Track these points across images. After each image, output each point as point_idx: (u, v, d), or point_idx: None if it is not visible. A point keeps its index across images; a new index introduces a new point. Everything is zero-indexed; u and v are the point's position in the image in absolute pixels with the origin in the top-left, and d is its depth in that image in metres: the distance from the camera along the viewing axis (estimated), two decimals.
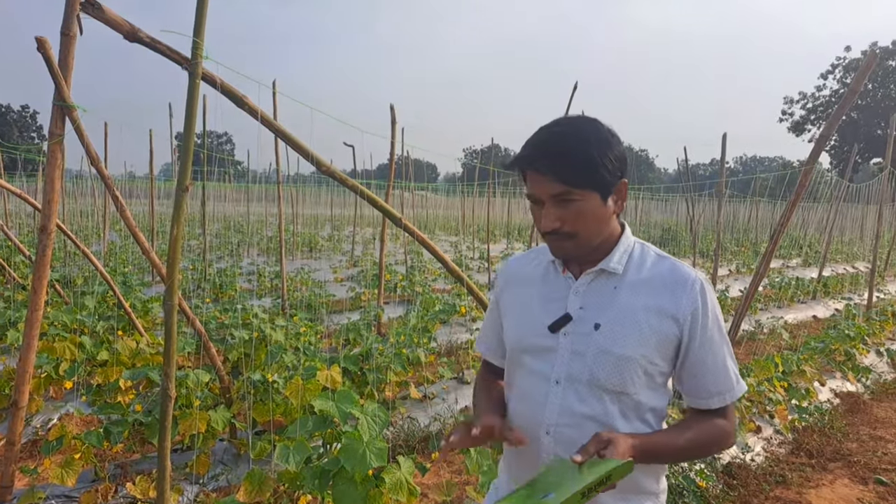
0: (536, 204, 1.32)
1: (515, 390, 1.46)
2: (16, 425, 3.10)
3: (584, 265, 1.38)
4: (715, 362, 1.34)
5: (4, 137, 48.15)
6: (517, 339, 1.44)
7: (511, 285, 1.52)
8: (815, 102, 57.18)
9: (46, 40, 2.43)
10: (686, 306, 1.31)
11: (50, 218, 2.79)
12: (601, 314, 1.33)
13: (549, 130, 1.30)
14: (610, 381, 1.31)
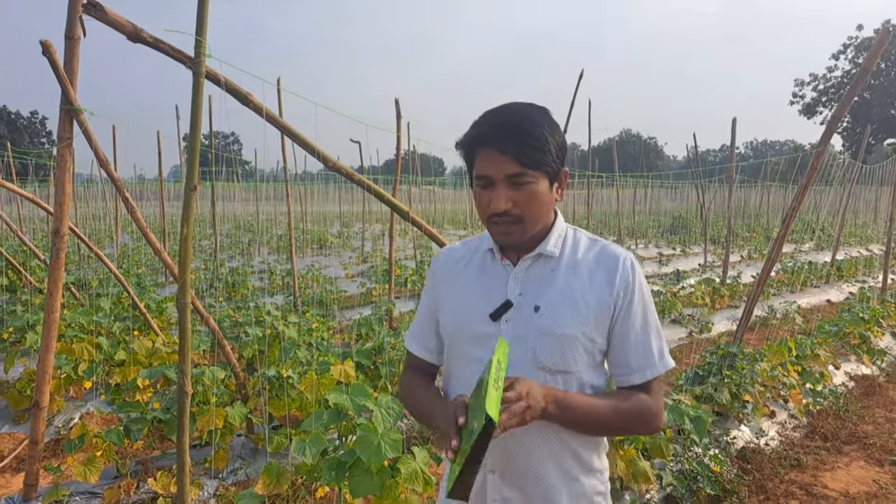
0: (487, 185, 1.29)
1: (456, 381, 1.44)
2: (38, 425, 3.17)
3: (521, 252, 1.39)
4: (638, 338, 1.36)
5: (15, 143, 48.60)
6: (457, 329, 1.42)
7: (447, 277, 1.48)
8: (826, 84, 56.52)
9: (51, 44, 2.47)
10: (619, 283, 1.35)
11: (62, 221, 2.84)
12: (540, 297, 1.34)
13: (505, 111, 1.30)
14: (552, 361, 1.32)
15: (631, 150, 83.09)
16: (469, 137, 1.32)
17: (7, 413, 4.47)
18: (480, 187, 1.31)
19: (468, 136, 1.32)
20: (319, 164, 2.95)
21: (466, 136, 1.33)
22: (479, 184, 1.30)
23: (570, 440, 1.36)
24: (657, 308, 7.85)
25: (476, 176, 1.30)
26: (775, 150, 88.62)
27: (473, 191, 1.35)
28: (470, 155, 1.32)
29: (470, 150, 1.32)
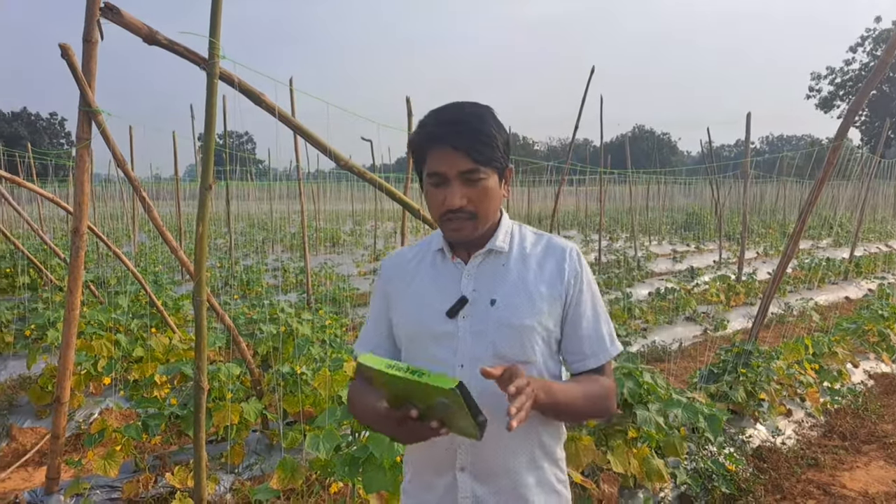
0: (440, 183, 1.31)
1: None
2: (59, 420, 3.23)
3: (471, 249, 1.41)
4: (590, 324, 1.42)
5: (35, 144, 49.22)
6: (416, 329, 1.41)
7: (398, 278, 1.48)
8: (843, 77, 55.71)
9: (70, 47, 2.51)
10: (569, 273, 1.41)
11: (81, 220, 2.88)
12: (495, 290, 1.37)
13: (454, 110, 1.32)
14: (513, 352, 1.35)
15: (644, 146, 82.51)
16: (421, 136, 1.32)
17: (29, 408, 4.55)
18: (433, 185, 1.32)
19: (420, 136, 1.32)
20: (332, 162, 2.97)
21: (418, 136, 1.33)
22: (431, 182, 1.31)
23: (539, 430, 1.40)
24: (671, 307, 7.88)
25: (429, 174, 1.31)
26: (792, 145, 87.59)
27: (424, 190, 1.36)
28: (421, 154, 1.33)
29: (422, 149, 1.32)
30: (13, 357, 5.63)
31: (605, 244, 16.36)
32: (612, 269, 11.17)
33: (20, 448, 4.18)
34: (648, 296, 8.86)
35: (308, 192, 15.59)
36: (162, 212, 22.15)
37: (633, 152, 44.14)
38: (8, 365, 5.51)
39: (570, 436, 3.23)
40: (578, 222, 24.28)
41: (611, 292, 8.91)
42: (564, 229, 22.06)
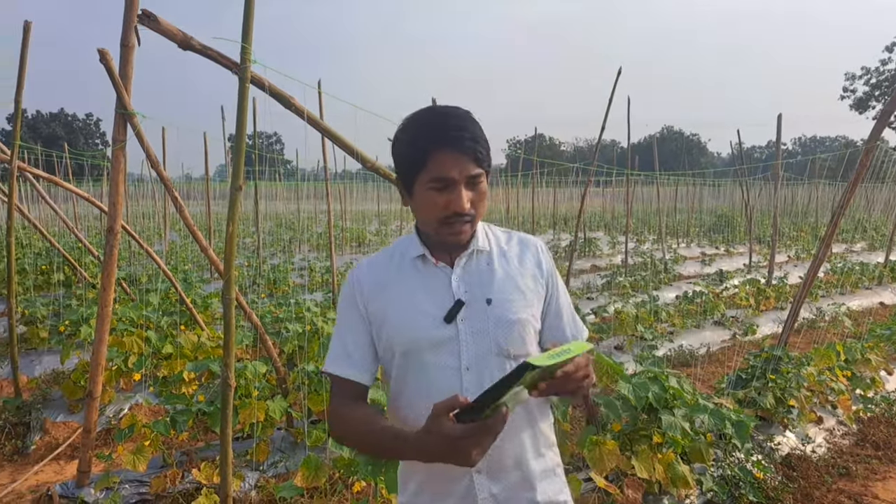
0: (445, 187, 1.29)
1: (413, 393, 1.37)
2: (91, 414, 3.31)
3: (452, 252, 1.41)
4: (567, 310, 1.51)
5: (71, 144, 50.49)
6: (413, 339, 1.35)
7: (378, 292, 1.40)
8: (878, 77, 54.25)
9: (108, 52, 2.57)
10: (545, 266, 1.48)
11: (115, 219, 2.96)
12: (488, 290, 1.38)
13: (453, 113, 1.32)
14: (514, 347, 1.37)
15: (672, 147, 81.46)
16: (424, 140, 1.29)
17: (62, 403, 4.67)
18: (435, 189, 1.29)
19: (422, 139, 1.29)
20: (358, 163, 3.00)
21: (418, 139, 1.29)
22: (434, 186, 1.29)
23: (537, 417, 1.43)
24: (699, 310, 7.77)
25: (433, 178, 1.28)
26: (825, 147, 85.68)
27: (417, 194, 1.33)
28: (420, 158, 1.29)
29: (424, 152, 1.28)
30: (48, 352, 5.78)
31: (631, 246, 16.19)
32: (639, 272, 11.05)
33: (53, 441, 4.29)
34: (676, 299, 8.75)
35: (335, 192, 15.74)
36: (192, 211, 22.55)
37: (662, 153, 43.60)
38: (43, 360, 5.66)
39: (594, 440, 3.22)
40: (605, 224, 24.07)
41: (637, 295, 8.82)
42: (591, 230, 21.89)
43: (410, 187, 1.34)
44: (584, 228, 19.39)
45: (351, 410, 1.36)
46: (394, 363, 1.39)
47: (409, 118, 1.35)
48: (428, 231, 1.38)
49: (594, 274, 11.82)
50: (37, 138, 50.26)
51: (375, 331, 1.40)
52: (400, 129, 1.36)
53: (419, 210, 1.35)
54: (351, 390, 1.39)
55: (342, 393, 1.39)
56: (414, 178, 1.32)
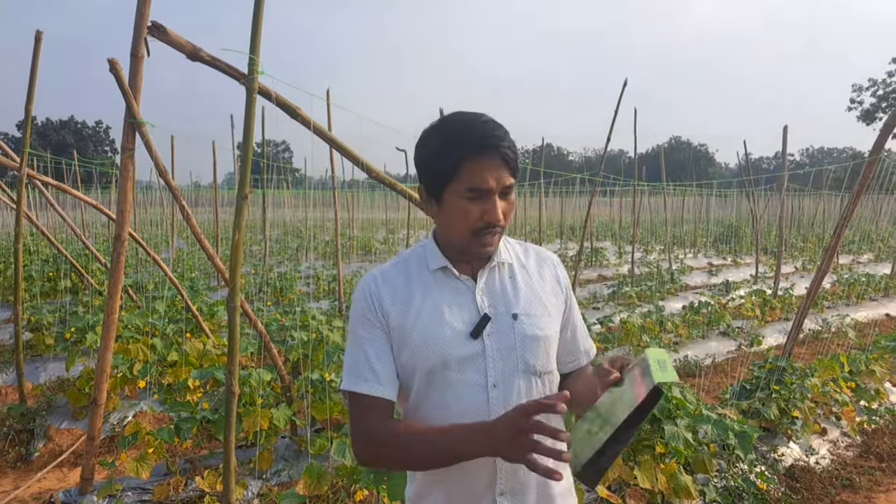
0: (479, 197, 1.24)
1: (437, 411, 1.30)
2: (95, 421, 3.33)
3: (474, 264, 1.37)
4: (581, 325, 1.51)
5: (80, 152, 50.91)
6: (440, 356, 1.28)
7: (400, 303, 1.32)
8: (886, 89, 54.14)
9: (117, 62, 2.62)
10: (562, 280, 1.46)
11: (123, 227, 2.99)
12: (513, 305, 1.34)
13: (488, 120, 1.27)
14: (540, 364, 1.34)
15: (680, 157, 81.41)
16: (463, 145, 1.23)
17: (67, 410, 4.70)
18: (469, 199, 1.24)
19: (461, 144, 1.23)
20: (364, 172, 3.04)
21: (457, 145, 1.23)
22: (469, 195, 1.24)
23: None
24: (705, 321, 7.74)
25: (469, 188, 1.23)
26: (833, 158, 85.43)
27: (447, 202, 1.27)
28: (454, 164, 1.23)
29: (458, 160, 1.23)
30: (53, 359, 5.82)
31: (638, 256, 16.17)
32: (646, 282, 11.03)
33: (56, 448, 4.32)
34: (682, 309, 8.73)
35: (342, 200, 15.81)
36: (200, 218, 22.70)
37: (670, 164, 43.39)
38: (48, 367, 5.69)
39: None
40: (612, 233, 24.04)
41: (643, 305, 8.81)
42: (598, 240, 21.88)
43: (439, 196, 1.28)
44: (592, 238, 19.39)
45: (387, 428, 1.26)
46: (415, 380, 1.31)
47: (440, 124, 1.29)
48: (454, 242, 1.32)
49: (601, 284, 11.80)
50: (46, 145, 50.74)
51: (396, 346, 1.32)
52: (427, 135, 1.30)
53: (449, 220, 1.29)
54: (382, 409, 1.29)
55: (372, 413, 1.28)
56: (444, 186, 1.26)
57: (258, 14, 2.31)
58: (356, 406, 1.29)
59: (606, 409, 1.11)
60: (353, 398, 1.30)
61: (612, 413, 1.08)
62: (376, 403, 1.28)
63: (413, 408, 1.34)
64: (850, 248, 18.00)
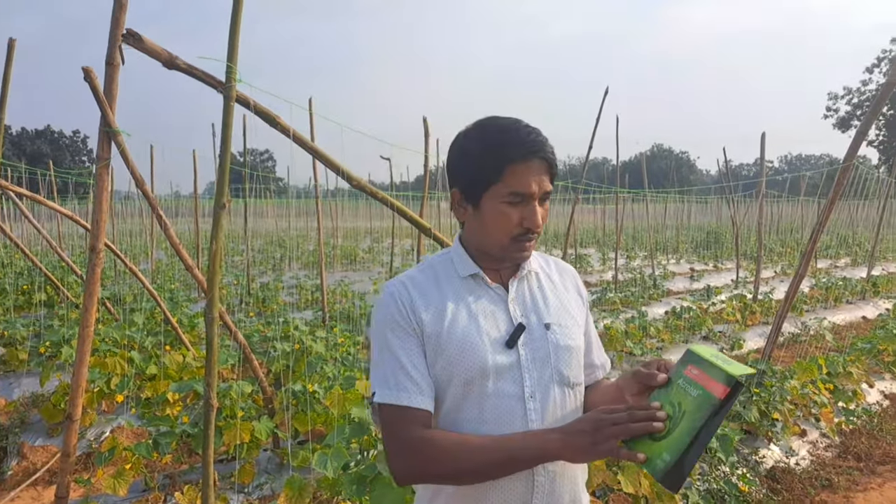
0: (520, 201, 1.23)
1: (473, 423, 1.25)
2: (70, 437, 3.25)
3: (503, 272, 1.35)
4: (597, 338, 1.50)
5: (58, 162, 50.26)
6: (476, 366, 1.24)
7: (433, 311, 1.27)
8: (860, 97, 55.28)
9: (92, 70, 2.59)
10: (582, 292, 1.47)
11: (98, 238, 2.94)
12: (545, 314, 1.33)
13: (530, 125, 1.26)
14: (573, 375, 1.33)
15: (662, 165, 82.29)
16: (511, 148, 1.21)
17: (41, 426, 4.59)
18: (510, 203, 1.23)
19: (508, 147, 1.21)
20: (345, 181, 3.02)
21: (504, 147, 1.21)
22: (511, 200, 1.22)
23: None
24: (687, 326, 7.80)
25: (512, 192, 1.22)
26: (811, 165, 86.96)
27: (486, 206, 1.25)
28: (499, 167, 1.21)
29: (503, 162, 1.21)
30: (27, 374, 5.69)
31: (622, 262, 16.28)
32: (629, 288, 11.11)
33: (31, 466, 4.22)
34: (665, 314, 8.79)
35: (326, 209, 15.76)
36: (181, 229, 22.50)
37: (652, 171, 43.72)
38: (21, 382, 5.56)
39: None
40: (597, 240, 24.20)
41: (627, 311, 8.86)
42: (582, 247, 22.00)
43: (477, 200, 1.26)
44: (576, 245, 19.48)
45: (440, 439, 1.19)
46: (449, 391, 1.25)
47: (479, 127, 1.27)
48: (490, 248, 1.30)
49: (585, 290, 11.85)
50: (21, 155, 49.99)
51: (431, 355, 1.25)
52: (466, 138, 1.28)
53: (488, 225, 1.26)
54: (424, 422, 1.21)
55: (415, 426, 1.20)
56: (484, 189, 1.24)
57: (236, 22, 2.30)
58: (396, 420, 1.21)
59: (669, 411, 1.06)
60: (392, 411, 1.21)
61: (686, 415, 1.03)
62: (419, 416, 1.21)
63: (446, 420, 1.27)
64: (828, 253, 18.30)
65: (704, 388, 1.04)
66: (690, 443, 0.99)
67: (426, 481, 1.26)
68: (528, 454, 1.13)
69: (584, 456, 1.07)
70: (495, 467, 1.15)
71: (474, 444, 1.17)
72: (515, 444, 1.14)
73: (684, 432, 1.01)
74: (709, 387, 1.04)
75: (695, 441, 0.99)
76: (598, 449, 1.05)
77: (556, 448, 1.10)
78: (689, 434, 1.00)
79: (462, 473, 1.17)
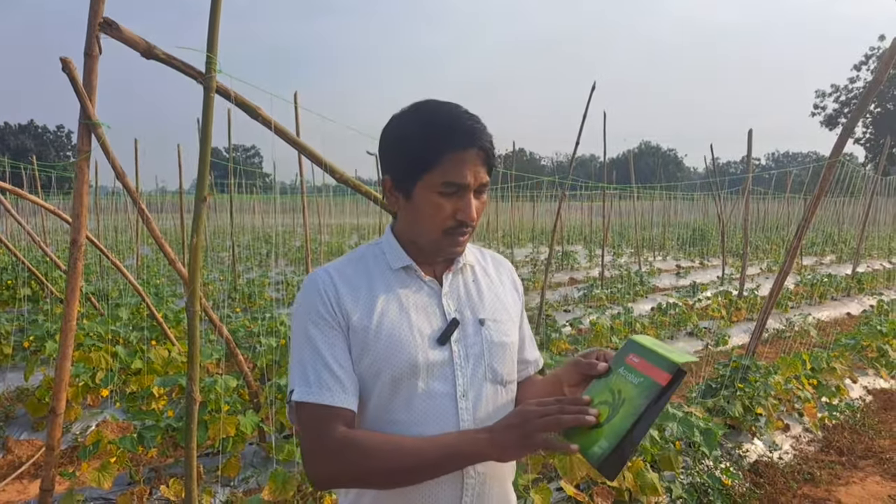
0: (454, 193, 1.17)
1: (402, 423, 1.19)
2: (54, 431, 3.23)
3: (437, 266, 1.29)
4: (530, 333, 1.47)
5: (42, 157, 49.65)
6: (404, 363, 1.18)
7: (360, 304, 1.20)
8: (848, 95, 55.83)
9: (70, 61, 2.55)
10: (518, 286, 1.43)
11: (79, 231, 2.92)
12: (479, 309, 1.28)
13: (470, 113, 1.20)
14: (507, 372, 1.29)
15: (650, 162, 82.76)
16: (447, 135, 1.15)
17: (26, 421, 4.57)
18: (443, 194, 1.17)
19: (444, 134, 1.15)
20: (328, 174, 3.01)
21: (440, 134, 1.15)
22: (444, 191, 1.16)
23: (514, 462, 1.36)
24: (672, 322, 7.85)
25: (446, 182, 1.15)
26: (798, 162, 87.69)
27: (418, 196, 1.18)
28: (434, 156, 1.15)
29: (439, 150, 1.15)
30: (11, 369, 5.65)
31: (609, 259, 16.35)
32: (616, 284, 11.16)
33: (16, 460, 4.19)
34: (651, 311, 8.85)
35: (313, 205, 15.69)
36: (167, 224, 22.33)
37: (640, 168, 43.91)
38: (6, 377, 5.53)
39: None
40: (584, 237, 24.29)
41: (613, 307, 8.90)
42: (570, 244, 22.06)
43: (410, 188, 1.19)
44: (563, 242, 19.53)
45: (364, 439, 1.13)
46: (376, 389, 1.19)
47: (415, 110, 1.20)
48: (421, 240, 1.24)
49: (572, 287, 11.90)
50: (4, 150, 49.42)
51: (356, 351, 1.19)
52: (400, 122, 1.21)
53: (419, 215, 1.20)
54: (346, 422, 1.15)
55: (334, 424, 1.13)
56: (418, 178, 1.17)
57: (215, 11, 2.28)
58: (316, 420, 1.13)
59: (609, 399, 1.06)
60: (313, 411, 1.13)
61: (626, 402, 1.03)
62: (342, 415, 1.14)
63: (372, 419, 1.21)
64: (813, 250, 18.47)
65: (647, 375, 1.05)
66: (630, 429, 0.99)
67: (347, 485, 1.20)
68: (458, 455, 1.09)
69: (516, 451, 1.04)
70: (425, 469, 1.10)
71: (403, 445, 1.11)
72: (446, 444, 1.10)
73: (624, 418, 1.01)
74: (651, 374, 1.04)
75: (635, 427, 0.99)
76: (528, 442, 1.02)
77: (486, 448, 1.06)
78: (630, 420, 1.00)
79: (390, 475, 1.11)
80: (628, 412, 1.01)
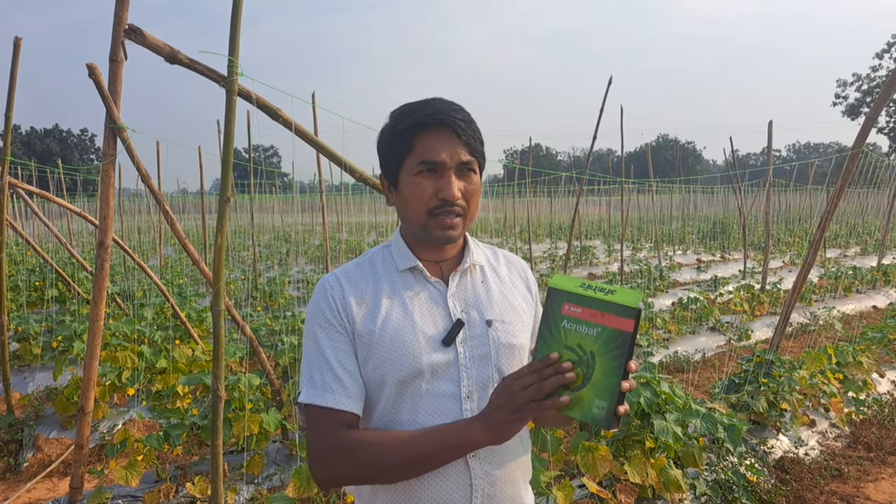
0: (433, 171, 1.18)
1: (407, 426, 1.20)
2: (83, 430, 3.30)
3: (445, 266, 1.29)
4: None
5: (66, 160, 50.54)
6: (409, 365, 1.19)
7: (366, 307, 1.22)
8: (870, 84, 54.74)
9: (97, 67, 2.60)
10: (533, 287, 1.40)
11: (106, 233, 2.97)
12: (487, 310, 1.27)
13: (442, 99, 1.23)
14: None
15: (668, 155, 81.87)
16: (414, 119, 1.18)
17: (55, 419, 4.66)
18: (423, 175, 1.18)
19: (411, 119, 1.18)
20: (347, 174, 3.03)
21: (407, 120, 1.19)
22: (423, 170, 1.18)
23: (527, 449, 1.35)
24: (694, 317, 7.77)
25: (420, 161, 1.18)
26: (819, 153, 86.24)
27: (402, 184, 1.21)
28: (406, 140, 1.19)
29: (409, 135, 1.19)
30: (41, 369, 5.77)
31: (628, 254, 16.24)
32: (635, 279, 11.08)
33: (45, 458, 4.28)
34: (671, 306, 8.77)
35: (331, 204, 15.78)
36: (188, 225, 22.61)
37: (658, 161, 43.50)
38: (36, 376, 5.64)
39: (587, 446, 3.23)
40: (602, 232, 24.14)
41: None
42: (588, 239, 21.94)
43: (396, 178, 1.22)
44: (581, 237, 19.42)
45: (366, 438, 1.15)
46: (383, 392, 1.20)
47: (394, 110, 1.25)
48: (414, 230, 1.24)
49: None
50: (31, 154, 50.36)
51: (362, 355, 1.20)
52: (384, 123, 1.26)
53: (406, 201, 1.21)
54: (347, 423, 1.17)
55: (336, 426, 1.16)
56: (399, 166, 1.21)
57: (237, 15, 2.31)
58: (319, 422, 1.16)
59: (573, 357, 1.03)
60: (317, 412, 1.16)
61: (597, 356, 1.01)
62: (343, 418, 1.16)
63: (380, 421, 1.22)
64: (837, 242, 18.17)
65: (602, 325, 1.01)
66: (619, 382, 0.98)
67: (349, 484, 1.21)
68: (456, 443, 1.11)
69: (510, 427, 1.06)
70: (424, 460, 1.12)
71: (401, 439, 1.13)
72: (443, 433, 1.13)
73: (609, 373, 0.99)
74: (608, 322, 1.01)
75: (625, 378, 0.99)
76: (519, 416, 1.04)
77: (481, 432, 1.09)
78: (616, 374, 0.99)
79: (390, 471, 1.14)
80: (610, 366, 0.99)
